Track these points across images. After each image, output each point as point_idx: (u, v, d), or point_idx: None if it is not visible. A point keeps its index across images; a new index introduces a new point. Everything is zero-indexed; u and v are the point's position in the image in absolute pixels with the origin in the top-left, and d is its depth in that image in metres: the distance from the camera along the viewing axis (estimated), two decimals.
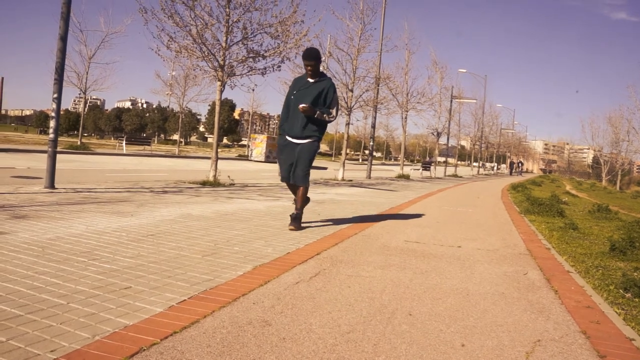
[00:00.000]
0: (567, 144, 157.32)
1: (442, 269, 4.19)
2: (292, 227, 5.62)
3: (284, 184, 6.22)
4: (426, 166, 32.91)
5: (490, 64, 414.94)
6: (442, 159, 44.58)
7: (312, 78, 5.80)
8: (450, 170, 39.45)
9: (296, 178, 5.66)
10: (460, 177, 34.58)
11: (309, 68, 5.73)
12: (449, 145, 39.38)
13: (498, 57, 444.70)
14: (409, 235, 5.83)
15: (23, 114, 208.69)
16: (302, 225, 5.89)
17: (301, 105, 5.51)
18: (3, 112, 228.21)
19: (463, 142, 66.75)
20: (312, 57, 5.71)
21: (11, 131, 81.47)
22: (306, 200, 5.89)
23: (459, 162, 52.03)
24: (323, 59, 14.51)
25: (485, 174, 50.42)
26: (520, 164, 66.31)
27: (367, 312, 2.89)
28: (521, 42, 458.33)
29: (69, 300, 2.72)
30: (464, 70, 42.84)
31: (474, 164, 52.84)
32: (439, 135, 32.61)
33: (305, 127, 5.66)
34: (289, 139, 5.73)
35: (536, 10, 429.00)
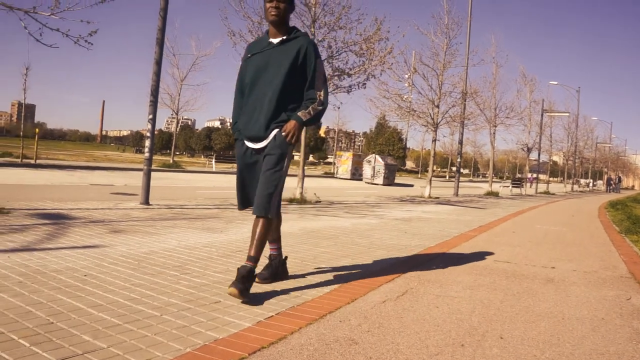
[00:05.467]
0: None
1: (535, 291, 4.00)
2: (232, 290, 3.06)
3: (365, 201, 5.32)
4: (516, 183, 31.75)
5: (583, 75, 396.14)
6: (532, 175, 42.86)
7: (275, 36, 3.53)
8: (542, 187, 37.86)
9: (256, 202, 3.37)
10: (553, 194, 33.11)
11: (272, 9, 3.42)
12: (540, 161, 37.83)
13: (592, 68, 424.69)
14: (499, 255, 5.62)
15: (121, 134, 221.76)
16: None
17: (285, 133, 3.38)
18: (104, 132, 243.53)
19: (555, 158, 64.00)
20: None
21: (113, 150, 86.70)
22: (265, 241, 3.44)
23: (551, 179, 49.82)
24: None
25: (580, 191, 47.99)
26: (618, 180, 62.58)
27: (455, 334, 2.79)
28: (617, 50, 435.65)
29: (163, 312, 2.82)
30: (555, 83, 41.18)
31: (568, 180, 50.46)
32: (529, 150, 31.43)
33: (273, 120, 3.42)
34: (249, 144, 3.51)
35: (632, 16, 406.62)
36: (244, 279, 3.15)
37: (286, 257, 3.92)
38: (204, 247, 4.91)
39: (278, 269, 3.80)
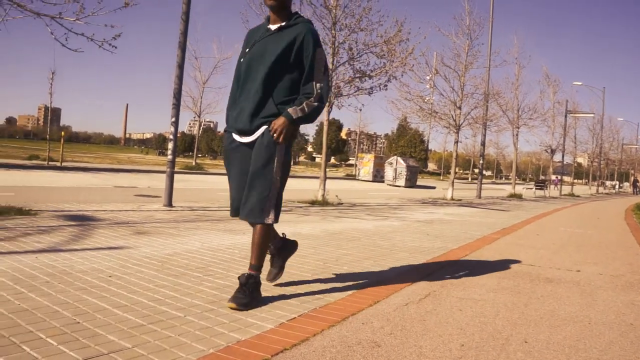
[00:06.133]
0: None
1: (560, 295, 3.94)
2: (230, 304, 2.99)
3: (387, 203, 5.04)
4: (540, 185, 31.38)
5: (609, 75, 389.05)
6: (557, 177, 42.30)
7: (275, 22, 3.26)
8: (566, 189, 37.35)
9: (245, 207, 3.16)
10: (578, 196, 32.64)
11: None
12: (564, 162, 37.32)
13: (618, 67, 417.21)
14: (522, 258, 5.56)
15: (144, 137, 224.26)
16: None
17: (272, 131, 3.09)
18: (127, 135, 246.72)
19: (580, 159, 63.12)
20: None
21: (137, 153, 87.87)
22: (266, 247, 3.30)
23: (575, 181, 49.03)
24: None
25: (606, 193, 47.25)
26: None
27: (479, 337, 2.77)
28: None
29: (186, 313, 2.84)
30: (579, 83, 40.61)
31: (593, 182, 49.69)
32: (553, 152, 31.08)
33: (258, 112, 3.15)
34: (237, 137, 3.27)
35: None
36: (243, 287, 3.08)
37: (284, 235, 3.73)
38: (227, 248, 4.94)
39: (280, 251, 3.62)
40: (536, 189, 30.92)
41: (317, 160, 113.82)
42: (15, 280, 3.26)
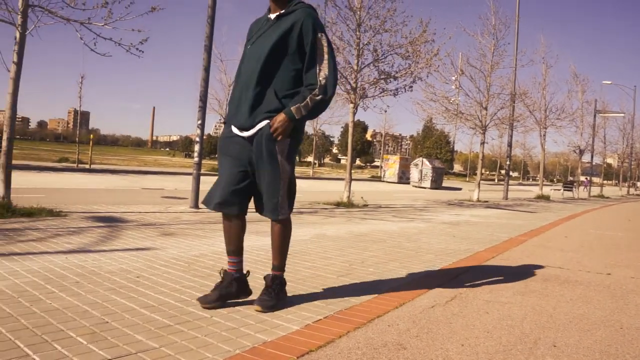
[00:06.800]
0: None
1: (590, 298, 3.87)
2: (256, 307, 3.01)
3: (412, 205, 5.00)
4: (568, 186, 30.90)
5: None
6: (587, 179, 41.55)
7: (274, 11, 3.08)
8: (595, 190, 36.67)
9: (264, 206, 3.07)
10: (607, 197, 32.00)
11: None
12: (593, 163, 36.63)
13: None
14: (551, 260, 5.47)
15: (171, 140, 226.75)
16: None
17: (272, 128, 2.92)
18: (154, 138, 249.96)
19: (609, 160, 61.88)
20: None
21: (163, 155, 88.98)
22: (287, 247, 3.22)
23: (604, 182, 48.07)
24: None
25: (637, 195, 46.26)
26: None
27: (506, 341, 2.73)
28: None
29: (212, 314, 2.86)
30: (609, 82, 39.79)
31: (623, 183, 48.71)
32: (581, 152, 30.51)
33: (257, 106, 2.99)
34: (235, 130, 3.09)
35: None
36: (269, 288, 3.10)
37: (247, 273, 3.27)
38: (252, 250, 4.96)
39: (230, 288, 3.11)
40: (564, 190, 30.46)
41: (343, 162, 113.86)
42: (46, 280, 3.33)
